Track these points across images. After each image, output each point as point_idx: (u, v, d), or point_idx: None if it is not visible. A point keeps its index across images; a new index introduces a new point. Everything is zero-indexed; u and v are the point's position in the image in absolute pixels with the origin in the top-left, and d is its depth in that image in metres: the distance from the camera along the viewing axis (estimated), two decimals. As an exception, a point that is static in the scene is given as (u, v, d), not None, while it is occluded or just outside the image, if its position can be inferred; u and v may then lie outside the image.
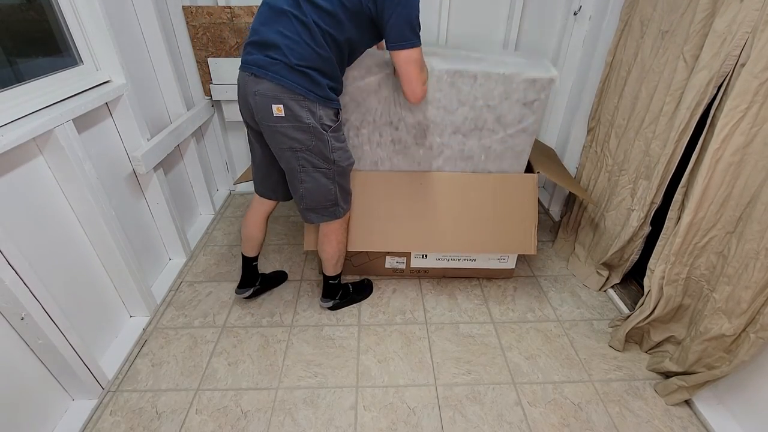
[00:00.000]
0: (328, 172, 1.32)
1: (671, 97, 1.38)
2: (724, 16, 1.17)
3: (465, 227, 1.65)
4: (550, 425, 1.31)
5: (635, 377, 1.46)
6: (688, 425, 1.31)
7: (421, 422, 1.32)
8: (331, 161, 1.30)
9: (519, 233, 1.65)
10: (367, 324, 1.68)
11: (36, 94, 1.23)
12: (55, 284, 1.25)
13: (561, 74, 2.10)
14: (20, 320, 1.10)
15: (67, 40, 1.39)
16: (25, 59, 1.31)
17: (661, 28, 1.43)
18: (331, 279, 1.66)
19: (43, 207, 1.24)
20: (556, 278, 1.93)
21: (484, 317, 1.72)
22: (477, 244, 1.67)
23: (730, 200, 1.21)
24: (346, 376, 1.47)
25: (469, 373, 1.48)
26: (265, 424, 1.31)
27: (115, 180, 1.55)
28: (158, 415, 1.33)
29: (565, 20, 2.02)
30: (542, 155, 1.91)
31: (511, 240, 1.65)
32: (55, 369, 1.25)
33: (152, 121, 1.77)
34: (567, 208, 2.13)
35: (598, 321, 1.70)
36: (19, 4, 1.31)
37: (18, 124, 1.12)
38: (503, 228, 1.65)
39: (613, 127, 1.70)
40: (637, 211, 1.56)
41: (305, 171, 1.30)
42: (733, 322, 1.18)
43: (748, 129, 1.12)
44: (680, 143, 1.37)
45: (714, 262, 1.29)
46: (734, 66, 1.17)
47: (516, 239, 1.65)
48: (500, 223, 1.64)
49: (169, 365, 1.50)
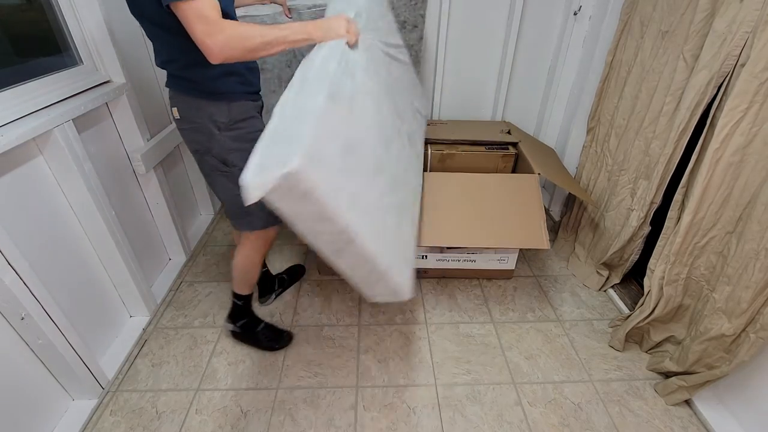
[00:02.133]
0: (230, 176, 1.19)
1: (671, 97, 1.38)
2: (724, 16, 1.17)
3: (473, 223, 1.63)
4: (550, 425, 1.31)
5: (635, 377, 1.46)
6: (688, 425, 1.31)
7: (421, 422, 1.32)
8: (230, 164, 1.17)
9: (529, 229, 1.62)
10: (367, 324, 1.68)
11: (36, 93, 1.23)
12: (55, 284, 1.25)
13: (561, 74, 2.11)
14: (20, 320, 1.10)
15: (67, 40, 1.39)
16: (25, 59, 1.31)
17: (661, 28, 1.43)
18: (236, 298, 1.48)
19: (43, 207, 1.24)
20: (556, 278, 1.93)
21: (484, 317, 1.72)
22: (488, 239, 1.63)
23: (730, 200, 1.21)
24: (346, 376, 1.47)
25: (469, 372, 1.48)
26: (265, 424, 1.31)
27: (115, 180, 1.55)
28: (158, 415, 1.33)
29: (565, 20, 2.02)
30: (542, 155, 1.91)
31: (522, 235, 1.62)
32: (55, 369, 1.25)
33: (152, 121, 1.77)
34: (567, 208, 2.13)
35: (598, 321, 1.70)
36: (19, 4, 1.31)
37: (18, 124, 1.12)
38: (513, 224, 1.62)
39: (613, 127, 1.70)
40: (637, 211, 1.56)
41: (210, 175, 1.24)
42: (733, 322, 1.18)
43: (748, 129, 1.12)
44: (680, 143, 1.37)
45: (714, 262, 1.29)
46: (734, 66, 1.17)
47: (527, 234, 1.63)
48: (509, 220, 1.62)
49: (169, 365, 1.50)
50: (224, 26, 0.92)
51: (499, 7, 2.02)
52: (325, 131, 0.80)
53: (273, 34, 0.96)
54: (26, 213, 1.17)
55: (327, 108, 0.81)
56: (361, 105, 0.96)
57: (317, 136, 0.76)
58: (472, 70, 2.18)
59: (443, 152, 1.85)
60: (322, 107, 0.80)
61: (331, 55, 0.94)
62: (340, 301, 1.79)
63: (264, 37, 0.95)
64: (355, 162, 0.88)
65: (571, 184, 1.81)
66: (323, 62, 0.93)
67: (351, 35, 1.02)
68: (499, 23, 2.07)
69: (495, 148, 1.92)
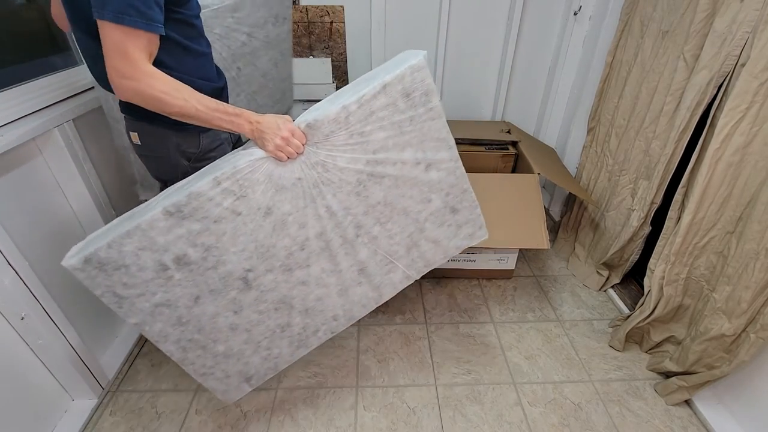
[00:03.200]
0: None
1: (671, 97, 1.38)
2: (724, 16, 1.17)
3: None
4: (550, 425, 1.31)
5: (635, 377, 1.46)
6: (688, 425, 1.31)
7: (421, 422, 1.32)
8: None
9: (529, 229, 1.62)
10: (367, 324, 1.68)
11: (36, 93, 1.23)
12: (55, 284, 1.25)
13: (561, 74, 2.10)
14: (20, 320, 1.10)
15: (68, 40, 1.39)
16: (25, 59, 1.31)
17: (661, 28, 1.43)
18: None
19: (43, 207, 1.24)
20: (556, 278, 1.93)
21: (484, 317, 1.72)
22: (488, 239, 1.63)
23: (730, 200, 1.21)
24: (346, 375, 1.47)
25: (469, 372, 1.48)
26: (265, 424, 1.31)
27: (116, 180, 1.55)
28: (158, 415, 1.33)
29: (565, 20, 2.02)
30: (542, 155, 1.91)
31: (522, 235, 1.63)
32: (55, 369, 1.25)
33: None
34: (567, 208, 2.13)
35: (598, 321, 1.70)
36: (19, 4, 1.31)
37: (18, 124, 1.12)
38: (513, 224, 1.63)
39: (614, 127, 1.70)
40: (638, 211, 1.56)
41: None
42: (733, 322, 1.18)
43: (748, 129, 1.12)
44: (680, 143, 1.37)
45: (714, 262, 1.29)
46: (734, 66, 1.17)
47: (527, 235, 1.63)
48: (509, 220, 1.63)
49: (169, 365, 1.50)
50: (142, 77, 0.80)
51: (499, 7, 2.02)
52: (137, 242, 0.86)
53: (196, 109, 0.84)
54: (26, 213, 1.17)
55: (153, 222, 0.86)
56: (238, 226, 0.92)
57: (110, 246, 0.85)
58: (472, 70, 2.18)
59: (443, 152, 1.85)
60: (148, 220, 0.85)
61: (220, 175, 0.87)
62: (340, 301, 1.79)
63: (184, 108, 0.84)
64: (182, 275, 0.92)
65: (572, 184, 1.81)
66: (203, 180, 0.88)
67: (280, 152, 0.88)
68: (499, 23, 2.07)
69: (495, 148, 1.92)
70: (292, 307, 1.07)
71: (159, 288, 0.92)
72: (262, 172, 0.90)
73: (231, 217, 0.91)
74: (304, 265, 1.02)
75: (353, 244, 1.04)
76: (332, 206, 0.98)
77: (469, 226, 1.16)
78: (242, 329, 1.05)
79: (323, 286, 1.07)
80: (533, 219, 1.62)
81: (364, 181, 0.98)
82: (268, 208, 0.93)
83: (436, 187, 1.05)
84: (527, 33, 2.09)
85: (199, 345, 1.02)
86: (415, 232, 1.09)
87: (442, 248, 1.14)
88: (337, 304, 1.11)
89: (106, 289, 0.89)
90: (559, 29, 2.09)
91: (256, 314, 1.04)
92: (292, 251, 0.99)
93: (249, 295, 1.01)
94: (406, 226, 1.07)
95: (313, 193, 0.96)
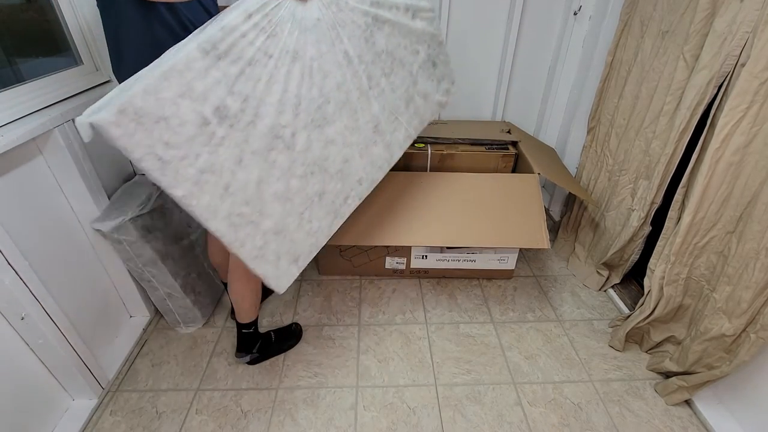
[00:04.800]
0: None
1: (671, 97, 1.38)
2: (724, 16, 1.17)
3: (473, 223, 1.63)
4: (550, 425, 1.31)
5: (635, 377, 1.46)
6: (688, 425, 1.31)
7: (421, 422, 1.32)
8: None
9: (530, 229, 1.62)
10: (367, 324, 1.68)
11: (36, 94, 1.23)
12: (55, 284, 1.25)
13: (561, 74, 2.10)
14: (20, 320, 1.10)
15: (67, 41, 1.39)
16: (25, 59, 1.31)
17: (661, 28, 1.43)
18: (245, 327, 1.41)
19: (43, 207, 1.24)
20: (556, 278, 1.93)
21: (484, 317, 1.72)
22: (488, 239, 1.63)
23: (731, 200, 1.21)
24: (346, 375, 1.47)
25: (469, 372, 1.48)
26: (265, 424, 1.31)
27: (116, 180, 1.55)
28: (158, 415, 1.33)
29: (565, 20, 2.02)
30: (542, 155, 1.91)
31: (522, 235, 1.63)
32: (55, 369, 1.25)
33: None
34: (567, 208, 2.13)
35: (598, 321, 1.70)
36: (19, 4, 1.31)
37: (18, 124, 1.12)
38: (513, 224, 1.63)
39: (614, 127, 1.70)
40: (638, 211, 1.56)
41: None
42: (734, 322, 1.18)
43: (749, 129, 1.12)
44: (680, 143, 1.37)
45: (714, 262, 1.29)
46: (734, 66, 1.17)
47: (527, 234, 1.62)
48: (509, 220, 1.63)
49: (169, 365, 1.50)
50: None
51: (499, 7, 2.02)
52: (175, 87, 0.77)
53: None
54: (26, 213, 1.17)
55: (189, 62, 0.78)
56: (271, 71, 0.92)
57: (146, 91, 0.74)
58: (472, 70, 2.18)
59: (443, 152, 1.85)
60: (183, 60, 0.78)
61: (250, 6, 0.87)
62: (340, 301, 1.79)
63: None
64: (224, 132, 0.87)
65: (572, 183, 1.81)
66: (232, 13, 0.86)
67: None
68: (499, 23, 2.07)
69: (495, 147, 1.92)
70: (325, 170, 1.10)
71: (203, 148, 0.85)
72: (287, 8, 0.93)
73: (264, 60, 0.90)
74: (331, 120, 1.08)
75: (368, 96, 1.15)
76: (349, 51, 1.07)
77: (446, 81, 1.34)
78: (285, 198, 1.03)
79: (347, 145, 1.14)
80: (533, 219, 1.62)
81: (370, 26, 1.10)
82: (296, 51, 0.96)
83: (421, 38, 1.23)
84: (527, 33, 2.09)
85: (248, 220, 0.97)
86: (411, 85, 1.26)
87: (429, 104, 1.33)
88: (360, 166, 1.19)
89: (147, 150, 0.76)
90: (559, 29, 2.08)
91: (295, 179, 1.04)
92: (320, 104, 1.04)
93: (288, 156, 1.01)
94: (404, 79, 1.23)
95: (331, 35, 1.02)
